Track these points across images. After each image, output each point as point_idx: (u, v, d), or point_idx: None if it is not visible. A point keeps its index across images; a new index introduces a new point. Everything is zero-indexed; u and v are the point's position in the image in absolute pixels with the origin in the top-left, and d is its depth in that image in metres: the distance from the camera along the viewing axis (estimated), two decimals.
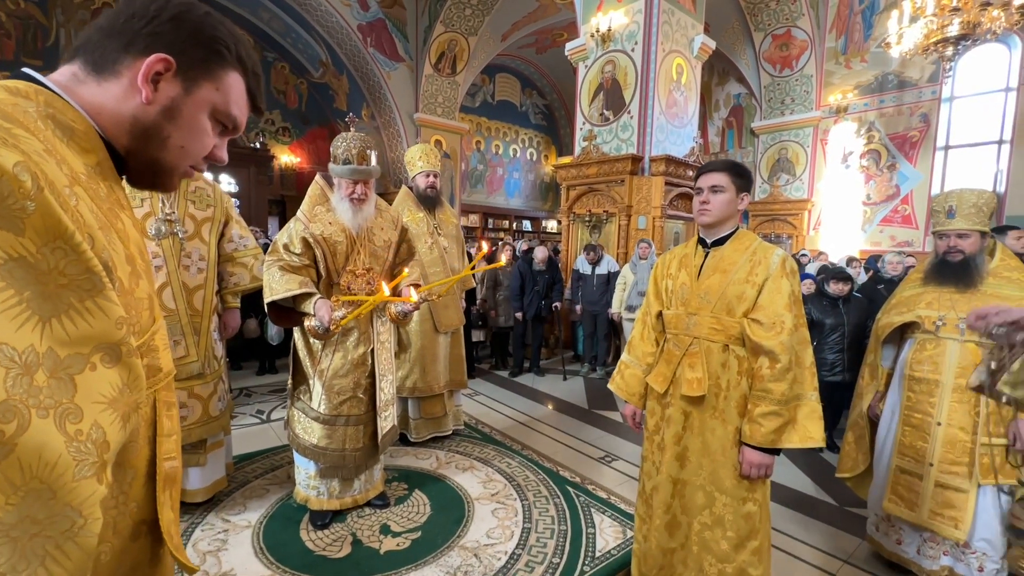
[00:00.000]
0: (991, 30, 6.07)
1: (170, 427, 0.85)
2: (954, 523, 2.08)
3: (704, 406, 1.64)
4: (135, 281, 0.71)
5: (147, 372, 0.78)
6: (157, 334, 0.81)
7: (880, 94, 8.98)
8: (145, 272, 0.77)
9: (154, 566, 0.85)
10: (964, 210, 2.08)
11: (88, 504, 0.52)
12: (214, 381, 2.45)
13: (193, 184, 2.44)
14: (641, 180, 6.20)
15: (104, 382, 0.56)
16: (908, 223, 8.80)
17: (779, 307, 1.53)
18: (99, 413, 0.55)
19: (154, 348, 0.80)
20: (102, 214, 0.65)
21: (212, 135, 0.77)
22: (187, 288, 2.34)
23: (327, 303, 2.04)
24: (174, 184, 0.79)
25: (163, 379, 0.84)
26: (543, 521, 2.47)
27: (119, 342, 0.59)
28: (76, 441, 0.52)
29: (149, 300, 0.77)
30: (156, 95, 0.69)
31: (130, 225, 0.76)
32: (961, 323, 2.09)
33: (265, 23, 9.63)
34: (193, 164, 0.78)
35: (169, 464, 0.84)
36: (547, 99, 14.35)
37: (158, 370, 0.82)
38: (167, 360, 0.86)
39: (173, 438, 0.86)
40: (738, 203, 1.62)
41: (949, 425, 2.10)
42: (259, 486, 2.74)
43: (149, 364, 0.79)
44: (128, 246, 0.72)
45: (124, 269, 0.67)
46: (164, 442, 0.83)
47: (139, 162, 0.74)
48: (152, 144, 0.72)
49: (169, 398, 0.87)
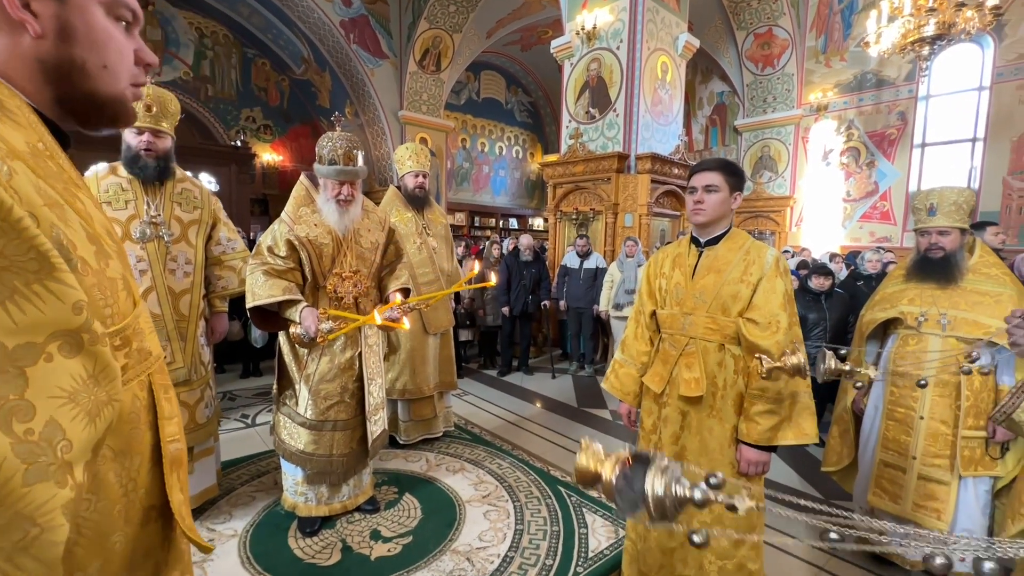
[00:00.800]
0: (965, 30, 6.22)
1: (170, 409, 0.84)
2: (937, 514, 2.12)
3: (701, 405, 1.65)
4: (103, 261, 0.67)
5: (139, 355, 0.76)
6: (141, 317, 0.79)
7: (859, 92, 9.15)
8: (117, 253, 0.73)
9: (167, 550, 0.84)
10: (945, 208, 2.12)
11: (44, 511, 0.47)
12: (201, 387, 2.39)
13: (180, 185, 2.37)
14: (627, 178, 6.22)
15: (63, 374, 0.52)
16: (887, 219, 9.00)
17: (774, 307, 1.54)
18: (56, 409, 0.51)
19: (140, 332, 0.77)
20: (56, 193, 0.60)
21: (123, 37, 0.70)
22: (173, 292, 2.28)
23: (313, 312, 1.99)
24: (129, 111, 0.73)
25: (155, 362, 0.82)
26: (535, 522, 2.46)
27: (79, 329, 0.54)
28: (26, 442, 0.47)
29: (124, 281, 0.73)
30: (40, 21, 0.61)
31: (91, 205, 0.71)
32: (943, 318, 2.14)
33: (245, 19, 9.43)
34: (133, 81, 0.71)
35: (174, 446, 0.83)
36: (532, 97, 14.32)
37: (148, 353, 0.80)
38: (155, 344, 0.84)
39: (175, 420, 0.85)
40: (731, 202, 1.63)
41: (931, 419, 2.15)
42: (245, 493, 2.68)
43: (139, 348, 0.76)
44: (92, 225, 0.67)
45: (87, 249, 0.63)
46: (166, 425, 0.81)
47: (78, 105, 0.68)
48: (75, 79, 0.65)
49: (164, 380, 0.85)
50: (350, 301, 2.25)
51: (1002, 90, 7.73)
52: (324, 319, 1.92)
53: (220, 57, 9.91)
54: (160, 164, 2.24)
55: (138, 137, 2.18)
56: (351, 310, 2.26)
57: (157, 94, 2.18)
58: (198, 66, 9.65)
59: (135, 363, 0.75)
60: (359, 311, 2.29)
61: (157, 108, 2.18)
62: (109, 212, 2.15)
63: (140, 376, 0.77)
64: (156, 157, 2.22)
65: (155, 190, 2.26)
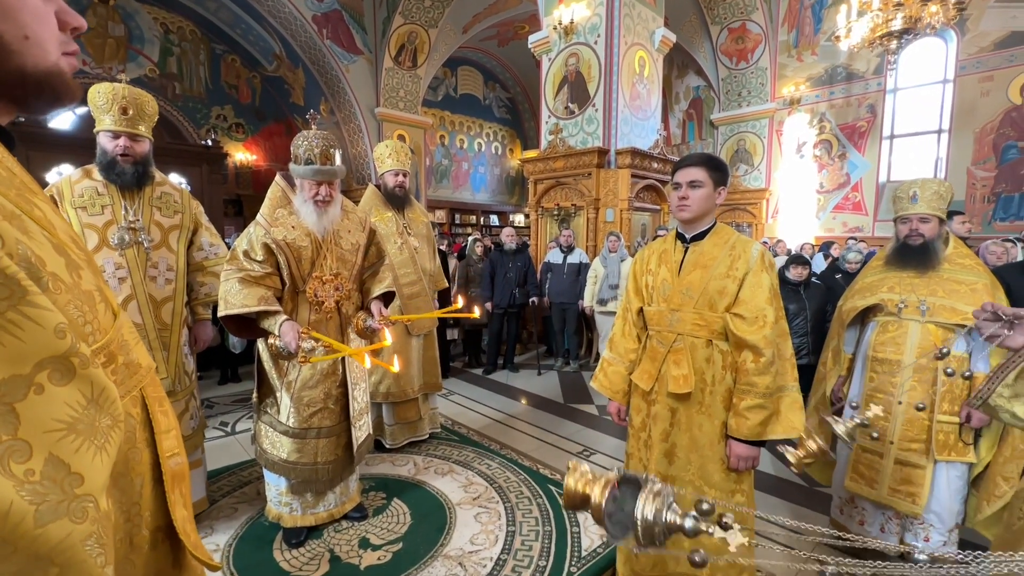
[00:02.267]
0: (931, 24, 6.41)
1: (167, 422, 0.80)
2: (911, 498, 2.17)
3: (690, 402, 1.64)
4: (75, 274, 0.61)
5: (127, 369, 0.72)
6: (124, 328, 0.74)
7: (830, 86, 9.36)
8: (87, 263, 0.67)
9: (178, 569, 0.80)
10: (926, 196, 2.16)
11: (61, 549, 0.45)
12: (185, 398, 2.30)
13: (159, 189, 2.27)
14: (608, 173, 6.24)
15: (58, 404, 0.48)
16: (858, 209, 9.25)
17: (761, 301, 1.55)
18: (55, 444, 0.47)
19: (125, 344, 0.73)
20: (10, 202, 0.55)
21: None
22: (154, 300, 2.19)
23: (294, 327, 1.91)
24: (70, 86, 0.64)
25: (146, 374, 0.77)
26: (527, 523, 2.44)
27: (67, 353, 0.50)
28: (28, 483, 0.44)
29: (100, 293, 0.68)
30: None
31: (50, 211, 0.65)
32: (922, 305, 2.19)
33: (212, 13, 9.14)
34: (64, 50, 0.63)
35: (174, 461, 0.79)
36: (510, 92, 14.26)
37: (138, 366, 0.75)
38: (143, 354, 0.79)
39: (172, 433, 0.81)
40: (716, 197, 1.63)
41: (909, 404, 2.20)
42: (227, 505, 2.60)
43: (126, 362, 0.71)
44: (55, 234, 0.61)
45: (56, 262, 0.57)
46: (164, 439, 0.77)
47: (9, 88, 0.60)
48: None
49: (158, 392, 0.81)
50: (331, 305, 2.18)
51: (965, 83, 7.99)
52: (306, 337, 1.84)
53: (187, 54, 9.60)
54: (138, 169, 2.14)
55: (114, 141, 2.07)
56: (332, 314, 2.20)
57: (133, 95, 2.08)
58: (164, 63, 9.33)
59: (124, 379, 0.71)
60: (341, 316, 2.23)
61: (134, 111, 2.08)
62: (84, 218, 2.05)
63: (132, 391, 0.72)
64: (134, 162, 2.12)
65: (133, 194, 2.16)
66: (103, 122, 2.06)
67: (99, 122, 2.07)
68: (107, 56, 8.68)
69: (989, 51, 7.71)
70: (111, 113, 2.04)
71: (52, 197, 2.05)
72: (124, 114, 2.06)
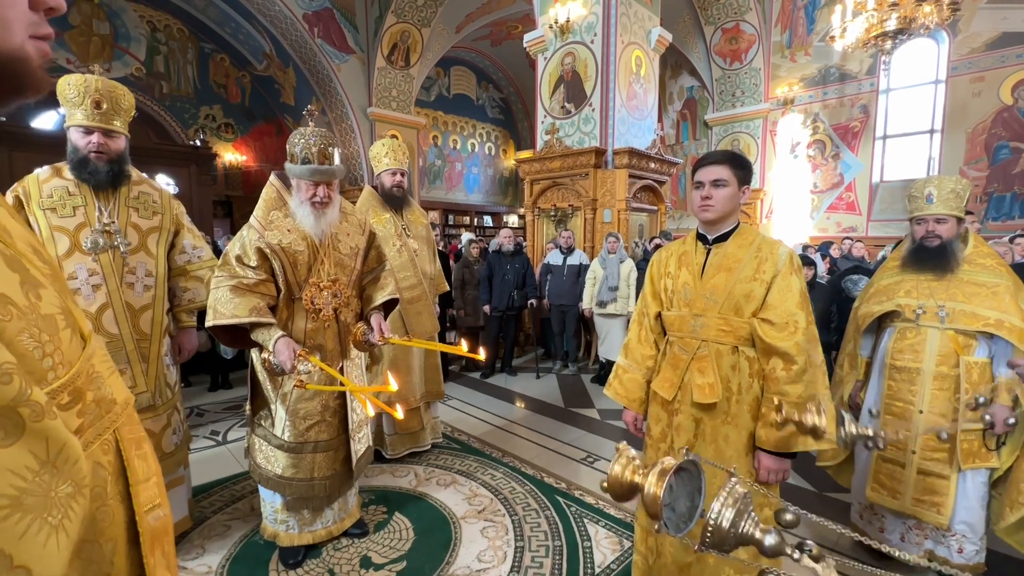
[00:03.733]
0: (924, 25, 6.42)
1: (145, 469, 0.68)
2: (937, 509, 2.11)
3: (716, 412, 1.55)
4: (33, 294, 0.51)
5: (98, 408, 0.59)
6: (95, 357, 0.62)
7: (823, 86, 9.39)
8: (51, 278, 0.56)
9: None
10: (943, 195, 2.10)
11: None
12: (167, 412, 2.15)
13: (136, 189, 2.11)
14: (605, 173, 6.16)
15: (1, 473, 0.38)
16: (852, 209, 9.27)
17: (791, 305, 1.46)
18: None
19: (96, 377, 0.61)
20: None
21: None
22: (132, 309, 2.02)
23: (289, 345, 1.79)
24: (36, 75, 0.54)
25: (121, 412, 0.65)
26: (536, 538, 2.34)
27: (13, 403, 0.39)
28: None
29: (66, 315, 0.56)
30: None
31: (5, 215, 0.54)
32: (941, 311, 2.12)
33: (200, 11, 8.95)
34: (33, 32, 0.53)
35: (153, 516, 0.67)
36: (504, 92, 14.16)
37: (112, 403, 0.63)
38: (119, 387, 0.67)
39: (153, 481, 0.69)
40: (740, 196, 1.54)
41: (930, 412, 2.13)
42: (219, 522, 2.46)
43: (97, 399, 0.60)
44: (11, 244, 0.51)
45: (7, 281, 0.47)
46: (142, 490, 0.65)
47: None
48: None
49: (135, 433, 0.68)
50: (329, 313, 2.06)
51: (957, 83, 8.04)
52: (303, 359, 1.73)
53: (175, 52, 9.39)
54: (113, 168, 1.98)
55: (86, 137, 1.91)
56: (330, 322, 2.07)
57: (107, 88, 1.93)
58: (151, 62, 9.11)
59: (94, 420, 0.59)
60: (339, 324, 2.10)
61: (108, 104, 1.92)
62: (54, 220, 1.89)
63: (103, 435, 0.60)
64: (108, 160, 1.96)
65: (108, 195, 2.01)
66: (74, 117, 1.90)
67: (70, 117, 1.91)
68: (92, 55, 8.45)
69: (981, 52, 7.76)
70: (83, 107, 1.89)
71: (18, 198, 1.89)
72: (97, 108, 1.90)
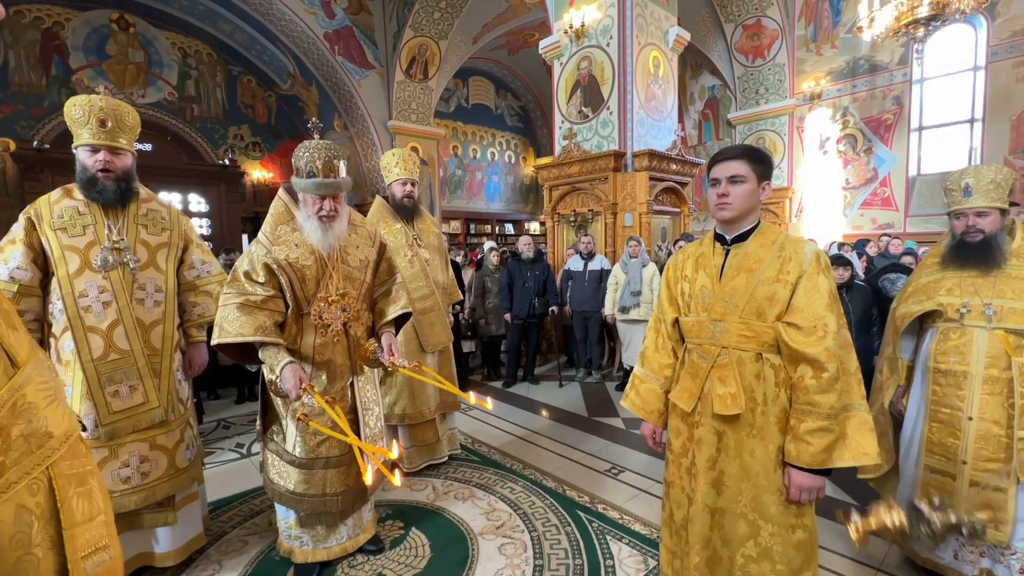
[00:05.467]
0: (960, 10, 6.10)
1: (87, 508, 0.60)
2: (994, 524, 1.93)
3: (740, 424, 1.44)
4: None
5: (27, 444, 0.53)
6: (28, 386, 0.55)
7: (852, 79, 9.04)
8: None
9: None
10: (982, 187, 1.95)
11: None
12: (180, 427, 2.15)
13: (145, 206, 2.14)
14: (625, 176, 6.05)
15: None
16: (888, 205, 8.85)
17: (819, 308, 1.35)
18: None
19: (27, 408, 0.55)
20: None
21: None
22: (143, 324, 2.04)
23: (295, 372, 1.79)
24: None
25: (58, 447, 0.58)
26: (556, 555, 2.25)
27: None
28: None
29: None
30: None
31: None
32: (987, 309, 1.95)
33: (227, 36, 9.28)
34: None
35: (95, 560, 0.59)
36: (522, 101, 14.20)
37: (47, 436, 0.57)
38: (59, 418, 0.59)
39: (98, 520, 0.61)
40: (760, 193, 1.44)
41: (981, 419, 1.96)
42: (236, 538, 2.46)
43: (25, 433, 0.54)
44: None
45: None
46: (80, 533, 0.58)
47: None
48: None
49: (79, 467, 0.61)
50: (338, 327, 2.03)
51: (998, 69, 7.61)
52: (308, 391, 1.72)
53: (204, 76, 9.77)
54: (121, 186, 2.02)
55: (93, 156, 1.95)
56: (339, 337, 2.05)
57: (112, 106, 1.96)
58: (183, 86, 9.50)
59: (20, 457, 0.53)
60: (348, 338, 2.07)
61: (113, 122, 1.96)
62: (65, 240, 1.94)
63: (31, 473, 0.54)
64: (115, 178, 2.00)
65: (117, 212, 2.04)
66: (81, 136, 1.94)
67: (77, 137, 1.95)
68: (128, 82, 8.87)
69: (1023, 35, 7.33)
70: (88, 126, 1.92)
71: (30, 219, 1.95)
72: (103, 126, 1.93)
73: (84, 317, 1.91)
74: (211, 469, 3.21)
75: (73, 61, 8.34)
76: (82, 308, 1.91)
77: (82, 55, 8.41)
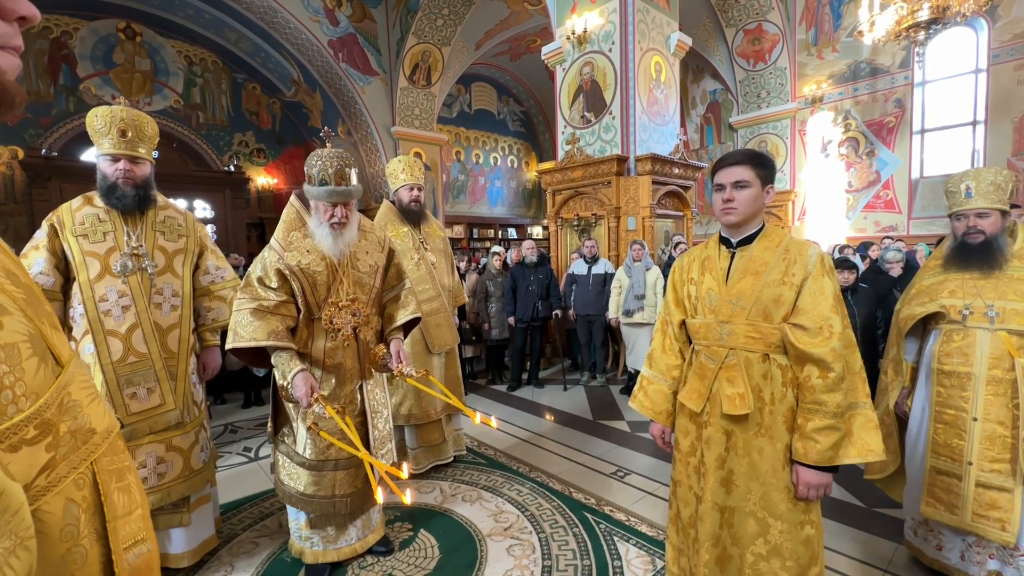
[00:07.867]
0: (960, 13, 6.13)
1: (127, 502, 0.63)
2: (1001, 525, 1.93)
3: (748, 424, 1.47)
4: None
5: (73, 440, 0.56)
6: (73, 384, 0.58)
7: (854, 82, 9.07)
8: (24, 302, 0.53)
9: None
10: (982, 188, 1.97)
11: None
12: (195, 430, 2.20)
13: (162, 213, 2.21)
14: (628, 180, 6.09)
15: None
16: (891, 208, 8.87)
17: (824, 309, 1.38)
18: None
19: (73, 406, 0.57)
20: None
21: None
22: (160, 328, 2.10)
23: (307, 380, 1.83)
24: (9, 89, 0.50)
25: (100, 443, 0.60)
26: (564, 557, 2.27)
27: None
28: None
29: (33, 343, 0.53)
30: None
31: None
32: (989, 310, 1.97)
33: (232, 44, 9.39)
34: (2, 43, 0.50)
35: (135, 552, 0.62)
36: (524, 106, 14.28)
37: (90, 432, 0.59)
38: (100, 415, 0.62)
39: (136, 515, 0.64)
40: (764, 197, 1.47)
41: (986, 420, 1.97)
42: (247, 539, 2.49)
43: (72, 429, 0.56)
44: None
45: None
46: (121, 526, 0.60)
47: None
48: None
49: (119, 463, 0.64)
50: (349, 332, 2.07)
51: (999, 71, 7.64)
52: (319, 401, 1.77)
53: (210, 83, 9.87)
54: (140, 193, 2.08)
55: (114, 165, 2.02)
56: (349, 341, 2.08)
57: (132, 117, 2.03)
58: (188, 94, 9.60)
59: (68, 453, 0.56)
60: (358, 343, 2.11)
61: (132, 132, 2.02)
62: (86, 246, 2.00)
63: (78, 468, 0.57)
64: (135, 186, 2.06)
65: (136, 219, 2.10)
66: (102, 146, 2.01)
67: (98, 146, 2.02)
68: (134, 90, 8.98)
69: None
70: (109, 136, 1.99)
71: (52, 226, 2.00)
72: (123, 136, 2.00)
73: (104, 321, 1.96)
74: (220, 473, 3.22)
75: (81, 70, 8.45)
76: (102, 312, 1.96)
77: (89, 64, 8.52)
